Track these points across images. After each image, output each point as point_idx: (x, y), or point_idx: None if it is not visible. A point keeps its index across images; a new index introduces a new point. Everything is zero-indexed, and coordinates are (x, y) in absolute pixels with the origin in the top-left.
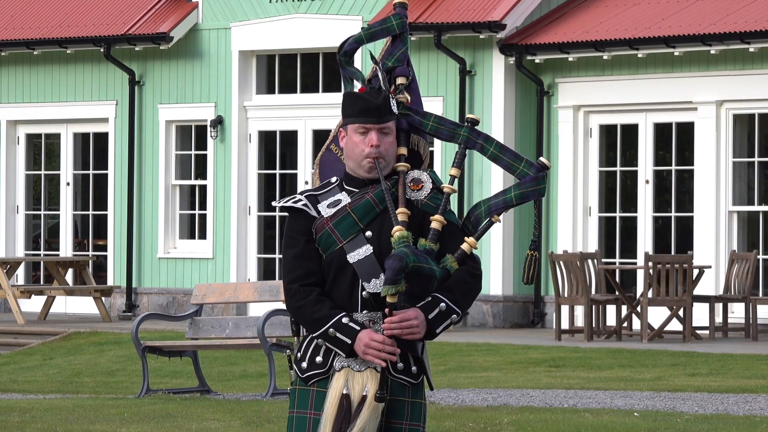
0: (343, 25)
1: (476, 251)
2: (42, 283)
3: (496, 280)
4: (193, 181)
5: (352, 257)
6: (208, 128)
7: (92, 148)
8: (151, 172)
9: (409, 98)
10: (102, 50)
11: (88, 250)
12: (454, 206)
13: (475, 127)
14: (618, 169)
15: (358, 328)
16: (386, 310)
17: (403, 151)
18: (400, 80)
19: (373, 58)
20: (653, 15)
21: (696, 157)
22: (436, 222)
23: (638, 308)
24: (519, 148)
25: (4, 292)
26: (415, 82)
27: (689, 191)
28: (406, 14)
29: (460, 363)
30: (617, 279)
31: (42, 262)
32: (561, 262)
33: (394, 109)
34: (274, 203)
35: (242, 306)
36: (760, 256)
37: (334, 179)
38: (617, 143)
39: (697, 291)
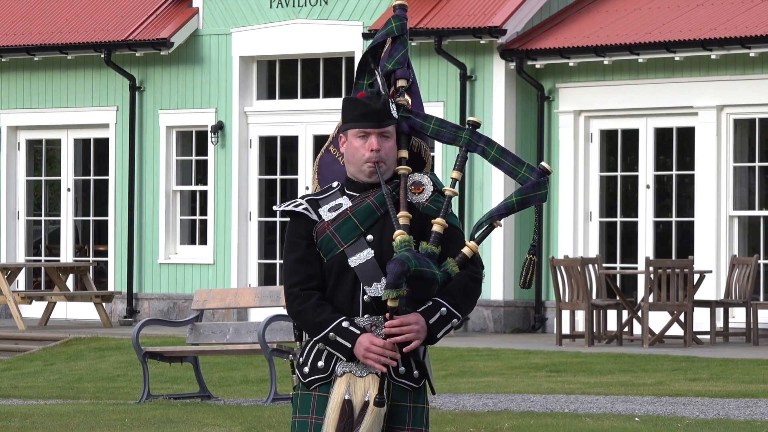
0: (344, 30)
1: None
2: (43, 288)
3: (497, 286)
4: (193, 187)
5: (354, 261)
6: (209, 134)
7: (93, 154)
8: (152, 177)
9: (409, 101)
10: (102, 56)
11: (89, 256)
12: (455, 210)
13: (477, 130)
14: (619, 173)
15: (358, 332)
16: (387, 314)
17: (404, 154)
18: (400, 83)
19: (371, 62)
20: (654, 20)
21: (697, 162)
22: (437, 225)
23: (639, 313)
24: (520, 154)
25: (4, 297)
26: (415, 84)
27: (690, 196)
28: (405, 16)
29: (461, 368)
30: (618, 284)
31: (43, 268)
32: (562, 267)
33: (394, 113)
34: (275, 207)
35: (243, 311)
36: (761, 261)
37: (335, 184)
38: (618, 148)
39: (698, 296)
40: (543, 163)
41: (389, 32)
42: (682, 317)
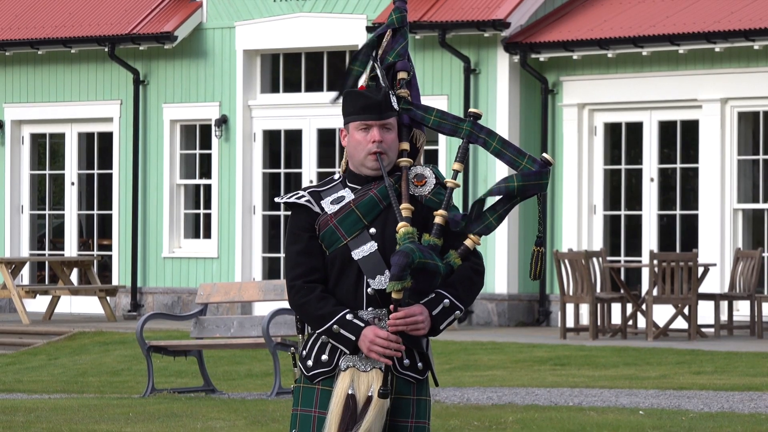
0: (348, 23)
1: (479, 248)
2: (47, 283)
3: (501, 279)
4: (197, 181)
5: (357, 254)
6: (213, 127)
7: (97, 148)
8: (156, 171)
9: (409, 93)
10: (106, 50)
11: (93, 250)
12: (458, 203)
13: (478, 122)
14: (623, 167)
15: (362, 324)
16: (391, 306)
17: (405, 146)
18: (401, 75)
19: (373, 54)
20: (657, 13)
21: (701, 155)
22: (439, 217)
23: (643, 306)
24: (523, 147)
25: (9, 292)
26: (414, 77)
27: (694, 189)
28: (405, 8)
29: (466, 362)
30: (622, 277)
31: (47, 262)
32: (566, 261)
33: (395, 104)
34: (277, 199)
35: (247, 305)
36: (765, 254)
37: (336, 175)
38: (622, 141)
39: (702, 289)
40: (545, 155)
41: (389, 24)
42: (686, 310)
